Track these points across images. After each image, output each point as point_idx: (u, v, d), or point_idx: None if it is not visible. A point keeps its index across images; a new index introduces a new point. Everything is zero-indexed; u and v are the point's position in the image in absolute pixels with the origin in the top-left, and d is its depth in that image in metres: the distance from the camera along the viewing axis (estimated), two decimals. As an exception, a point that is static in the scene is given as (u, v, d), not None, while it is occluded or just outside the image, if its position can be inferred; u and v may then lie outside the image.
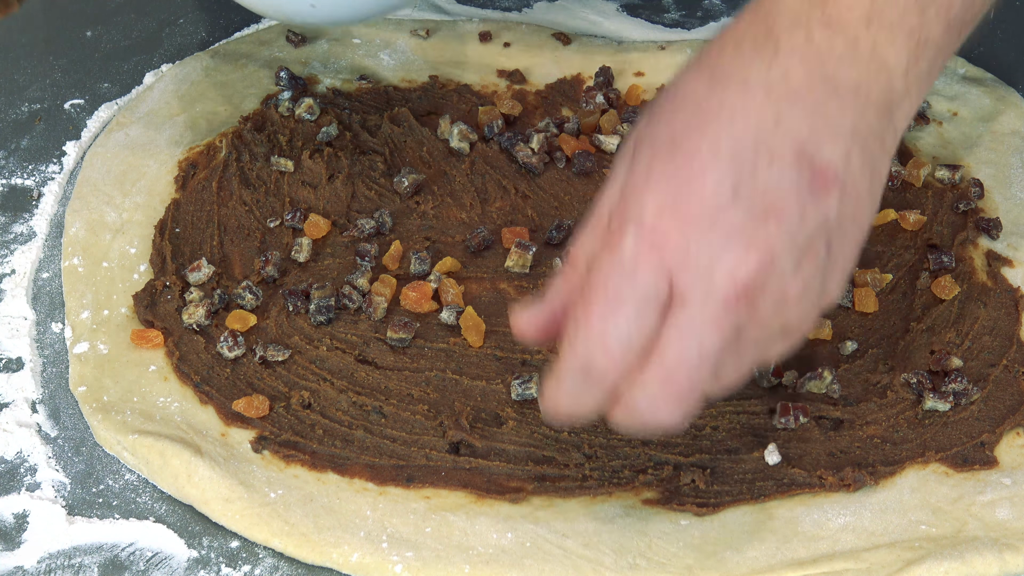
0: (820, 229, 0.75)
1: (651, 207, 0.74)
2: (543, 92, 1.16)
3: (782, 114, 0.74)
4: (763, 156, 0.74)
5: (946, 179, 1.08)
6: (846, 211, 0.75)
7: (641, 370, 0.74)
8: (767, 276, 0.73)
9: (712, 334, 0.73)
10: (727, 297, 0.73)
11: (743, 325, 0.74)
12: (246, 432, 0.93)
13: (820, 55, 0.76)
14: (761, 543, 0.88)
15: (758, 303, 0.74)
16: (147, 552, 0.89)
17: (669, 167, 0.74)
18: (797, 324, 0.77)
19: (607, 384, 0.75)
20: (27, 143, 1.13)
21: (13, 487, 0.92)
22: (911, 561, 0.86)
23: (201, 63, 1.18)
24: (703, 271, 0.73)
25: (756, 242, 0.73)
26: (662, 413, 0.75)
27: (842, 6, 0.77)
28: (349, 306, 1.00)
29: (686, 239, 0.73)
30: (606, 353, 0.74)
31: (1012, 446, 0.93)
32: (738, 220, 0.73)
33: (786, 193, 0.74)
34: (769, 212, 0.73)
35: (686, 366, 0.73)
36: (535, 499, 0.90)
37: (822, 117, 0.75)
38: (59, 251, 1.06)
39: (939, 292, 1.01)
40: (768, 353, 0.78)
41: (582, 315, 0.74)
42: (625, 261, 0.73)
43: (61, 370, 0.99)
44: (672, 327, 0.73)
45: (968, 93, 1.15)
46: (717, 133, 0.74)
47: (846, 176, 0.75)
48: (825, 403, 0.95)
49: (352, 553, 0.88)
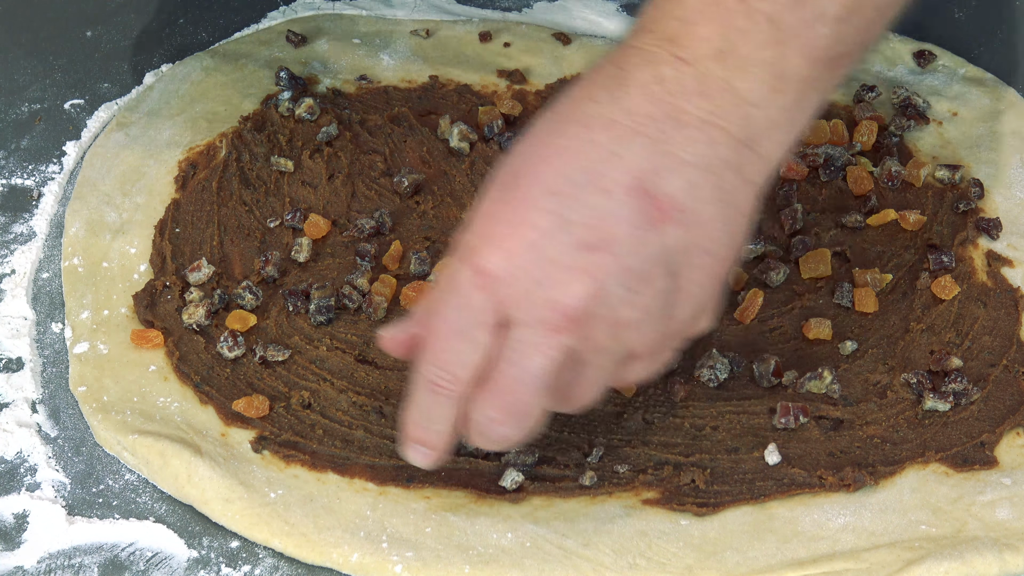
0: (657, 258, 0.78)
1: (483, 240, 0.78)
2: (543, 92, 1.16)
3: (621, 147, 0.77)
4: (595, 188, 0.77)
5: (946, 179, 1.08)
6: (692, 240, 0.78)
7: (480, 391, 0.80)
8: (595, 303, 0.77)
9: (538, 358, 0.78)
10: (552, 323, 0.77)
11: (578, 349, 0.78)
12: (246, 432, 0.94)
13: (668, 90, 0.78)
14: (761, 543, 0.88)
15: (589, 328, 0.78)
16: (147, 552, 0.89)
17: (503, 203, 0.79)
18: (644, 349, 0.81)
19: (452, 405, 0.80)
20: (27, 143, 1.13)
21: (13, 487, 0.92)
22: (911, 561, 0.86)
23: (201, 63, 1.18)
24: (529, 299, 0.77)
25: (583, 270, 0.77)
26: (501, 430, 0.80)
27: (694, 41, 0.79)
28: (349, 306, 1.00)
29: (512, 269, 0.77)
30: (446, 375, 0.80)
31: (1012, 446, 0.93)
32: (565, 250, 0.77)
33: (618, 223, 0.77)
34: (600, 242, 0.77)
35: (516, 387, 0.78)
36: (535, 499, 0.90)
37: (665, 149, 0.78)
38: (59, 251, 1.06)
39: (939, 292, 1.01)
40: (626, 375, 0.83)
41: (427, 340, 0.80)
42: (460, 291, 0.78)
43: (61, 370, 0.99)
44: (504, 351, 0.78)
45: (968, 93, 1.15)
46: (553, 167, 0.78)
47: (690, 206, 0.78)
48: (825, 403, 0.95)
49: (352, 553, 0.88)
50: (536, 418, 0.81)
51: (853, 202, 1.07)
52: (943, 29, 1.22)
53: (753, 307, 1.00)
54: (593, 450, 0.92)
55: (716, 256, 0.80)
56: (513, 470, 0.90)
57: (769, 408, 0.95)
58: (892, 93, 1.14)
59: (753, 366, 0.96)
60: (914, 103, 1.13)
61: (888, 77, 1.17)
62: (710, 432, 0.94)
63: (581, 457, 0.92)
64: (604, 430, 0.94)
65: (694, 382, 0.96)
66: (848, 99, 1.14)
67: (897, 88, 1.14)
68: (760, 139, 0.80)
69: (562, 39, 1.21)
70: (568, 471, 0.92)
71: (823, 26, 0.80)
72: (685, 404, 0.95)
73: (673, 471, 0.91)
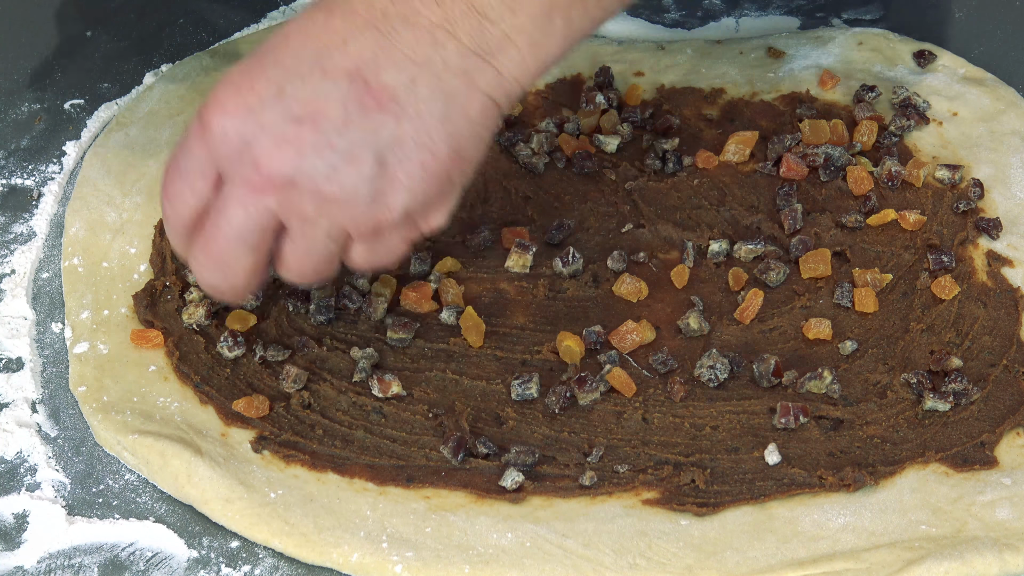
0: (365, 143, 0.83)
1: (213, 102, 0.84)
2: (543, 92, 1.16)
3: (352, 36, 0.83)
4: (318, 69, 0.83)
5: (946, 179, 1.08)
6: (405, 133, 0.83)
7: (195, 236, 0.87)
8: (297, 173, 0.83)
9: (240, 213, 0.84)
10: (254, 183, 0.83)
11: (284, 216, 0.84)
12: (246, 432, 0.93)
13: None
14: (761, 543, 0.88)
15: (293, 196, 0.83)
16: (147, 552, 0.89)
17: (242, 71, 0.85)
18: (357, 230, 0.86)
19: (183, 239, 0.88)
20: (27, 143, 1.13)
21: (13, 487, 0.92)
22: (911, 561, 0.86)
23: (201, 63, 1.18)
24: (238, 159, 0.83)
25: (289, 141, 0.83)
26: (208, 277, 0.88)
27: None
28: (349, 306, 1.00)
29: (228, 129, 0.83)
30: (172, 211, 0.87)
31: (1012, 446, 0.93)
32: (277, 119, 0.83)
33: (330, 103, 0.83)
34: (308, 117, 0.82)
35: (220, 238, 0.85)
36: (535, 499, 0.90)
37: (391, 44, 0.83)
38: (59, 251, 1.06)
39: (939, 292, 1.01)
40: (349, 256, 0.88)
41: (164, 176, 0.88)
42: (188, 141, 0.85)
43: (61, 370, 0.99)
44: (215, 202, 0.85)
45: (968, 93, 1.15)
46: (291, 45, 0.84)
47: (405, 99, 0.83)
48: (825, 403, 0.95)
49: (352, 553, 0.88)
50: (244, 273, 0.87)
51: (853, 202, 1.07)
52: (943, 29, 1.22)
53: (753, 307, 1.00)
54: (593, 450, 0.92)
55: (432, 152, 0.84)
56: (513, 470, 0.90)
57: (769, 408, 0.95)
58: (892, 93, 1.14)
59: (753, 366, 0.96)
60: (914, 103, 1.13)
61: (888, 77, 1.17)
62: (710, 432, 0.94)
63: (581, 457, 0.92)
64: (604, 430, 0.94)
65: (694, 382, 0.96)
66: (848, 99, 1.15)
67: (897, 88, 1.14)
68: (495, 53, 0.85)
69: (562, 39, 1.21)
70: (568, 471, 0.92)
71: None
72: (685, 404, 0.95)
73: (673, 471, 0.91)
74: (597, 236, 1.05)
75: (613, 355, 0.97)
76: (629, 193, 1.08)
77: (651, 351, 0.98)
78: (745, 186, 1.08)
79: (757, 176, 1.09)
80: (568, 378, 0.96)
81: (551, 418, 0.94)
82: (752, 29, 1.24)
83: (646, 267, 1.03)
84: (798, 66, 1.18)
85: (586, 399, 0.95)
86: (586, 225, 1.06)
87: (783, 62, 1.18)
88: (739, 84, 1.16)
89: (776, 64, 1.18)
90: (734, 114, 1.14)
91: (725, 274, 1.03)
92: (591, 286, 1.02)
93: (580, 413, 0.94)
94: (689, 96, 1.15)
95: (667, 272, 1.03)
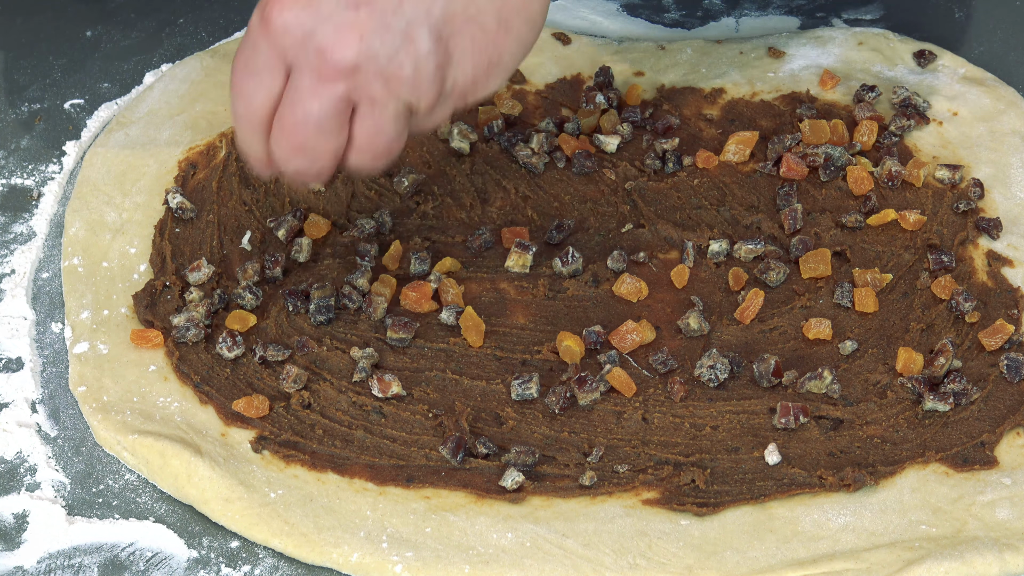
0: (419, 21, 0.87)
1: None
2: (543, 92, 1.16)
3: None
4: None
5: (946, 179, 1.08)
6: (457, 10, 0.88)
7: (275, 128, 0.90)
8: (363, 58, 0.87)
9: (314, 102, 0.88)
10: (323, 72, 0.87)
11: (355, 97, 0.88)
12: (246, 432, 0.94)
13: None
14: (761, 543, 0.88)
15: (361, 80, 0.87)
16: (147, 552, 0.89)
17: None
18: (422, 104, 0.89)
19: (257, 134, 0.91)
20: (27, 143, 1.13)
21: (13, 487, 0.92)
22: (911, 561, 0.86)
23: (201, 63, 1.18)
24: (304, 50, 0.87)
25: (350, 26, 0.86)
26: (292, 163, 0.90)
27: None
28: (349, 306, 1.00)
29: (290, 21, 0.87)
30: (245, 109, 0.90)
31: (1012, 446, 0.93)
32: (334, 6, 0.86)
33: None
34: (364, 2, 0.86)
35: (298, 127, 0.88)
36: (535, 499, 0.90)
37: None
38: (59, 251, 1.06)
39: (939, 292, 1.01)
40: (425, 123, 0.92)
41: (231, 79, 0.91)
42: (250, 38, 0.89)
43: (61, 370, 0.99)
44: (286, 94, 0.89)
45: (968, 93, 1.15)
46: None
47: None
48: (825, 403, 0.95)
49: (352, 553, 0.88)
50: (329, 155, 0.90)
51: (853, 202, 1.07)
52: (943, 29, 1.23)
53: (753, 307, 1.00)
54: (593, 450, 0.92)
55: (484, 28, 0.89)
56: (513, 470, 0.90)
57: (769, 408, 0.95)
58: (892, 93, 1.14)
59: (753, 366, 0.96)
60: (914, 103, 1.13)
61: (888, 77, 1.17)
62: (710, 432, 0.94)
63: (581, 457, 0.92)
64: (604, 430, 0.94)
65: (694, 382, 0.96)
66: (848, 99, 1.15)
67: (897, 88, 1.14)
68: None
69: (562, 39, 1.21)
70: (568, 471, 0.92)
71: None
72: (685, 404, 0.95)
73: (673, 471, 0.91)
74: (597, 236, 1.05)
75: (613, 355, 0.97)
76: (629, 193, 1.08)
77: (651, 351, 0.98)
78: (745, 186, 1.08)
79: (757, 176, 1.09)
80: (568, 378, 0.96)
81: (551, 418, 0.94)
82: (752, 29, 1.24)
83: (646, 267, 1.03)
84: (798, 66, 1.18)
85: (586, 399, 0.95)
86: (586, 225, 1.06)
87: (783, 62, 1.18)
88: (739, 84, 1.16)
89: (776, 64, 1.18)
90: (734, 114, 1.14)
91: (725, 274, 1.03)
92: (591, 286, 1.02)
93: (580, 413, 0.95)
94: (689, 96, 1.15)
95: (667, 272, 1.03)
